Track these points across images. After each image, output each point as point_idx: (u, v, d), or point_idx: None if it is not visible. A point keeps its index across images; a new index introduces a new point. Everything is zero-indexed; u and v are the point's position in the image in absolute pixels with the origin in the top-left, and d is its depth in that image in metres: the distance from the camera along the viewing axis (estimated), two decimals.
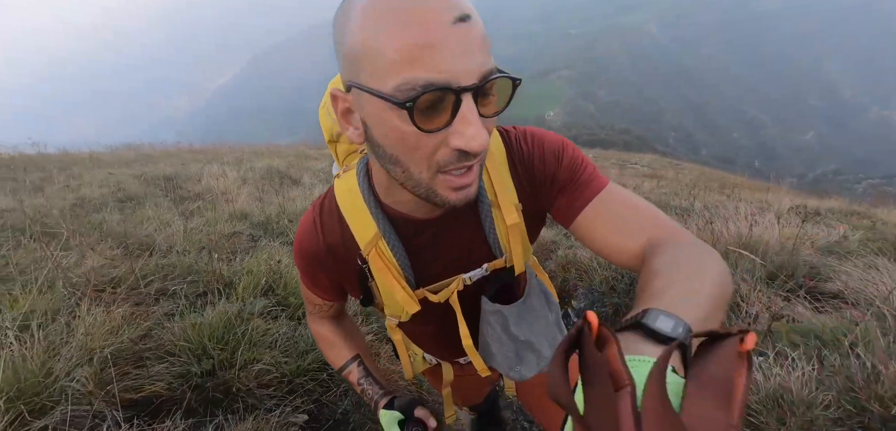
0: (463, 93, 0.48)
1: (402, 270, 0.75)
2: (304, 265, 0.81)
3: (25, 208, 3.31)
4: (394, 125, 0.51)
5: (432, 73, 0.47)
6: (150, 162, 7.77)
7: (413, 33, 0.46)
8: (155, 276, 2.29)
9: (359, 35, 0.49)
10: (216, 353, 1.59)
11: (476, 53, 0.49)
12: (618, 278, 2.71)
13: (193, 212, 4.23)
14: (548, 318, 0.88)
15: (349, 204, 0.74)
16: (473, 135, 0.49)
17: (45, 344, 1.41)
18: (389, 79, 0.48)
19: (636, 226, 0.66)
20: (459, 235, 0.75)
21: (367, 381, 0.95)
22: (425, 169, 0.54)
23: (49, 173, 5.81)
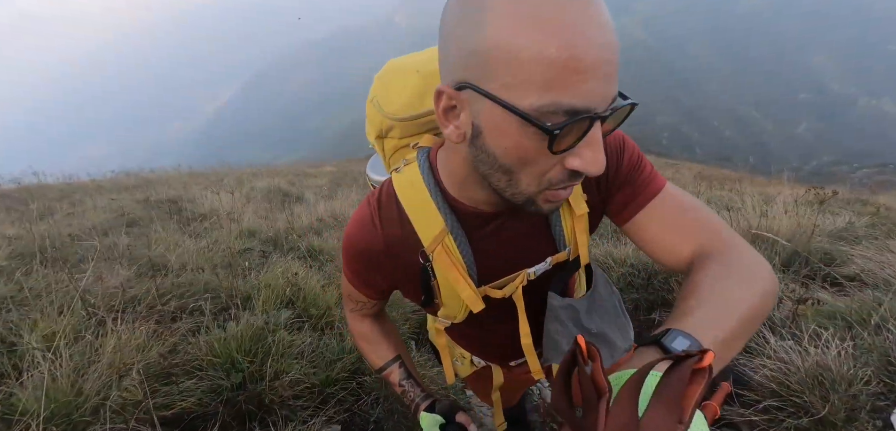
0: (596, 120, 0.48)
1: (467, 267, 0.73)
2: (355, 262, 0.79)
3: (34, 234, 3.29)
4: (518, 141, 0.50)
5: (577, 99, 0.45)
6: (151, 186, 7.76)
7: (567, 53, 0.43)
8: (172, 295, 2.27)
9: (496, 36, 0.46)
10: (246, 366, 1.58)
11: (614, 78, 0.48)
12: (635, 274, 2.71)
13: (201, 233, 4.22)
14: (616, 307, 0.88)
15: (413, 199, 0.71)
16: (595, 160, 0.49)
17: (73, 364, 1.39)
18: (529, 95, 0.46)
19: (689, 232, 0.67)
20: (523, 229, 0.73)
21: (408, 382, 0.93)
22: (534, 184, 0.54)
23: (52, 202, 5.79)
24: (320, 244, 3.64)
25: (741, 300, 0.56)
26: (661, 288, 2.54)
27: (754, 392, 1.43)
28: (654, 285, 2.58)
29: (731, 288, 0.56)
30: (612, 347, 0.84)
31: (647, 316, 2.46)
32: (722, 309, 0.53)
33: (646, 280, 2.64)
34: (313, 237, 4.01)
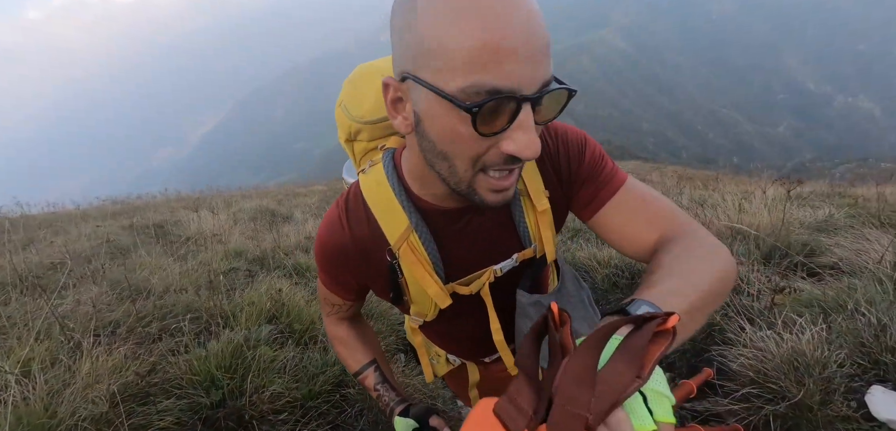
0: (524, 102, 0.49)
1: (433, 263, 0.74)
2: (326, 263, 0.80)
3: (14, 263, 3.23)
4: (451, 125, 0.51)
5: (500, 80, 0.47)
6: (138, 212, 7.65)
7: (485, 36, 0.45)
8: (153, 316, 2.24)
9: (425, 28, 0.48)
10: (225, 382, 1.55)
11: (541, 63, 0.49)
12: (619, 275, 2.74)
13: (186, 255, 4.17)
14: (584, 302, 0.89)
15: (378, 198, 0.72)
16: (528, 142, 0.50)
17: (47, 388, 1.36)
18: (455, 79, 0.47)
19: (652, 221, 0.69)
20: (489, 226, 0.75)
21: (383, 387, 0.93)
22: (469, 166, 0.55)
23: (35, 231, 5.68)
24: (307, 261, 3.62)
25: (703, 275, 0.58)
26: None
27: (733, 381, 1.45)
28: (638, 285, 2.61)
29: (693, 266, 0.59)
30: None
31: None
32: (685, 283, 0.55)
33: (629, 279, 2.67)
34: (300, 254, 3.98)
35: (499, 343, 0.84)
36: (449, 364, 1.06)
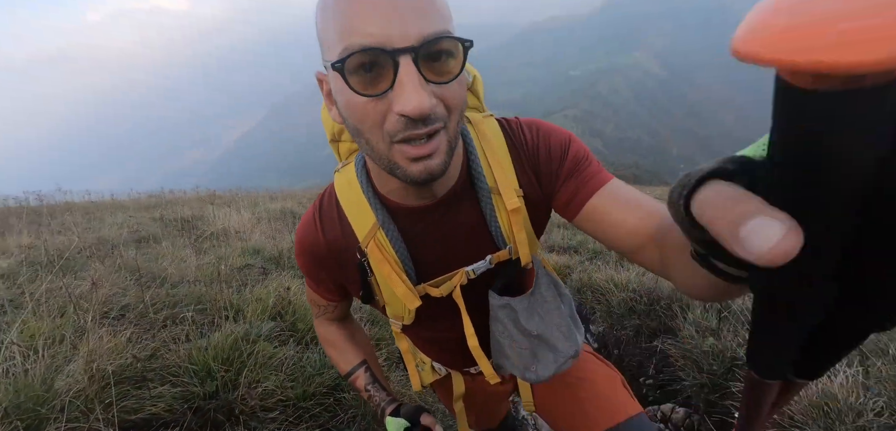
0: (400, 56, 0.48)
1: (402, 262, 0.72)
2: (304, 262, 0.80)
3: (45, 245, 3.38)
4: (345, 96, 0.52)
5: (366, 38, 0.48)
6: (169, 206, 7.97)
7: (351, 4, 0.49)
8: (164, 304, 2.28)
9: (320, 20, 0.54)
10: (220, 374, 1.54)
11: (415, 18, 0.49)
12: (636, 300, 2.61)
13: (207, 249, 4.27)
14: (560, 309, 0.82)
15: (348, 196, 0.72)
16: (409, 97, 0.49)
17: (49, 362, 1.38)
18: (335, 50, 0.50)
19: (651, 209, 0.63)
20: (460, 224, 0.72)
21: (373, 387, 0.92)
22: (379, 139, 0.54)
23: (73, 217, 5.98)
24: None
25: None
26: (663, 315, 2.43)
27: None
28: (656, 311, 2.48)
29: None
30: (553, 350, 0.79)
31: (649, 344, 2.34)
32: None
33: (648, 305, 2.54)
34: None
35: (473, 348, 0.80)
36: (435, 373, 1.01)
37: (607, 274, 2.95)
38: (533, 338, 0.79)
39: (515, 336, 0.79)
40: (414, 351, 1.01)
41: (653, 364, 2.19)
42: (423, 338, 0.93)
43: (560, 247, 4.88)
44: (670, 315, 2.40)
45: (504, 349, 0.81)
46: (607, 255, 3.90)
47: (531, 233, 0.76)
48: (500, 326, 0.79)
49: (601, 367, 1.03)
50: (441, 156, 0.55)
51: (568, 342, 0.81)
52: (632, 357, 2.32)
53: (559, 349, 0.80)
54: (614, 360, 2.25)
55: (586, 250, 4.54)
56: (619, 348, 2.41)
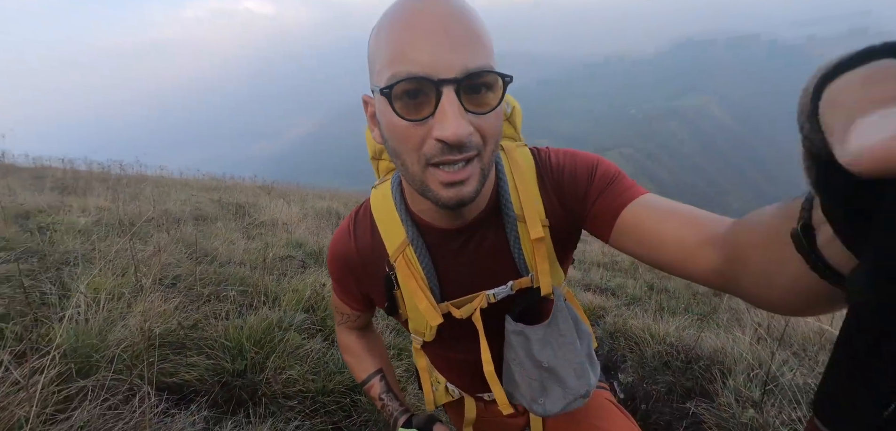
0: (444, 86, 0.51)
1: (428, 280, 0.75)
2: (335, 270, 0.84)
3: (119, 210, 3.75)
4: (389, 118, 0.56)
5: (413, 67, 0.51)
6: (228, 191, 8.57)
7: (403, 33, 0.52)
8: (211, 280, 2.45)
9: (373, 42, 0.58)
10: (251, 355, 1.63)
11: (461, 51, 0.52)
12: (672, 354, 2.45)
13: (255, 236, 4.54)
14: (576, 346, 0.80)
15: (382, 210, 0.76)
16: (449, 124, 0.51)
17: (106, 315, 1.53)
18: (383, 75, 0.54)
19: (696, 212, 0.57)
20: (485, 249, 0.74)
21: (388, 396, 0.94)
22: (416, 161, 0.57)
23: (145, 188, 6.59)
24: None
25: None
26: (701, 376, 2.27)
27: None
28: (693, 370, 2.32)
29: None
30: (563, 385, 0.78)
31: (681, 405, 2.19)
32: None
33: (685, 363, 2.38)
34: None
35: (488, 374, 0.80)
36: (448, 395, 1.02)
37: (644, 323, 2.81)
38: (543, 370, 0.78)
39: (526, 365, 0.78)
40: (431, 370, 1.02)
41: (682, 427, 2.05)
42: (441, 358, 0.94)
43: (597, 287, 4.70)
44: (709, 377, 2.23)
45: (514, 376, 0.80)
46: (646, 302, 3.72)
47: (555, 264, 0.77)
48: (512, 352, 0.79)
49: (620, 418, 0.98)
50: (473, 184, 0.58)
51: (580, 380, 0.79)
52: (660, 415, 2.18)
53: (569, 385, 0.79)
54: (640, 416, 2.13)
55: (624, 294, 4.34)
56: (648, 404, 2.27)
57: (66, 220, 3.21)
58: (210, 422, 1.26)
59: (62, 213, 3.49)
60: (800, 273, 0.37)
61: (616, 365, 2.73)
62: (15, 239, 2.39)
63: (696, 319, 3.25)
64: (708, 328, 2.87)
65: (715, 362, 2.31)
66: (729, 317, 3.42)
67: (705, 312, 3.76)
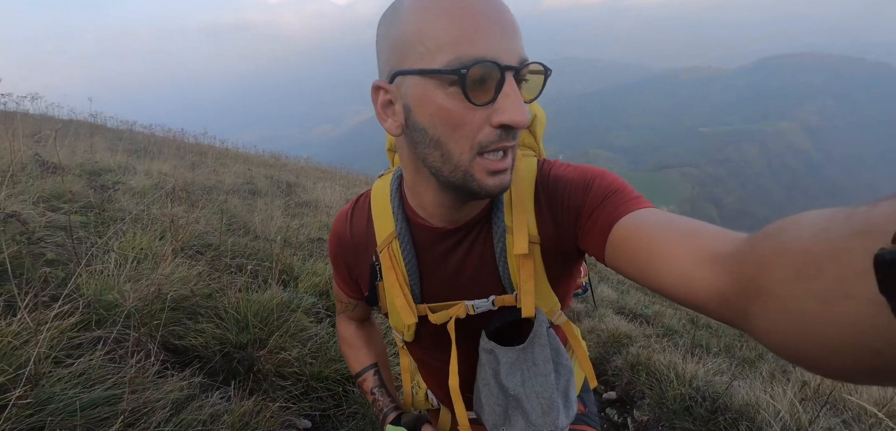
0: (507, 71, 0.52)
1: (408, 277, 0.74)
2: (331, 250, 0.85)
3: (176, 178, 4.09)
4: (440, 103, 0.53)
5: (481, 51, 0.51)
6: (283, 169, 9.09)
7: (465, 17, 0.51)
8: (239, 252, 2.59)
9: (410, 24, 0.54)
10: (255, 330, 1.70)
11: (514, 40, 0.54)
12: (697, 400, 2.25)
13: (295, 214, 4.76)
14: (549, 379, 0.74)
15: (379, 200, 0.76)
16: (517, 108, 0.52)
17: (130, 273, 1.66)
18: (440, 56, 0.52)
19: (704, 229, 0.47)
20: (473, 256, 0.71)
21: (379, 391, 0.93)
22: (467, 149, 0.55)
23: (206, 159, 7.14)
24: None
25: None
26: (727, 428, 2.06)
27: None
28: (718, 423, 2.11)
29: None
30: (526, 418, 0.72)
31: None
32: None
33: (710, 412, 2.17)
34: None
35: (452, 388, 0.76)
36: (428, 402, 1.00)
37: (670, 359, 2.60)
38: (509, 397, 0.74)
39: (492, 387, 0.75)
40: (414, 373, 1.01)
41: None
42: (420, 362, 0.93)
43: (631, 312, 4.44)
44: None
45: (481, 397, 0.77)
46: (679, 336, 3.45)
47: (545, 285, 0.72)
48: (482, 371, 0.76)
49: None
50: (510, 173, 0.59)
51: (545, 417, 0.74)
52: None
53: (532, 420, 0.73)
54: None
55: (661, 325, 4.06)
56: None
57: (129, 181, 3.54)
58: (199, 388, 1.32)
59: (128, 174, 3.85)
60: (869, 322, 0.24)
61: (632, 401, 2.56)
62: (81, 193, 2.67)
63: (735, 364, 2.96)
64: (745, 376, 2.61)
65: (744, 417, 2.09)
66: (776, 368, 3.09)
67: (750, 358, 3.42)
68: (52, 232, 1.95)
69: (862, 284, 0.23)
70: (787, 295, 0.29)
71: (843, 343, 0.26)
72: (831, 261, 0.26)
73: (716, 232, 0.45)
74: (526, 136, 0.84)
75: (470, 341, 0.76)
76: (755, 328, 0.35)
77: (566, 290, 0.77)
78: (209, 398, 1.29)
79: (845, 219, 0.26)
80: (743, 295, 0.36)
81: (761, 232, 0.36)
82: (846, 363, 0.27)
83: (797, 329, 0.29)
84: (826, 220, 0.28)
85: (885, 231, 0.22)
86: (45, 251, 1.76)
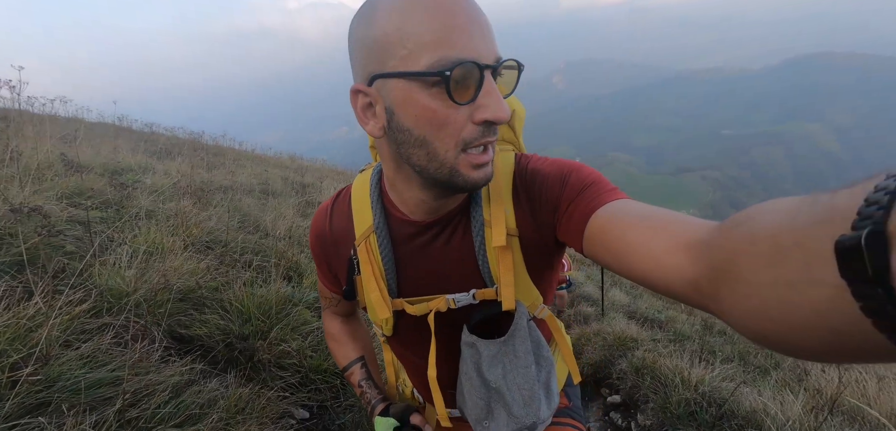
0: (486, 70, 0.54)
1: (385, 271, 0.74)
2: (312, 248, 0.86)
3: (192, 177, 4.22)
4: (425, 104, 0.55)
5: (461, 52, 0.52)
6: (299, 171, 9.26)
7: (445, 19, 0.53)
8: (248, 249, 2.67)
9: (388, 25, 0.54)
10: (258, 323, 1.76)
11: (490, 38, 0.56)
12: (702, 406, 2.21)
13: (308, 214, 4.85)
14: (529, 371, 0.75)
15: (359, 194, 0.77)
16: (498, 105, 0.54)
17: (142, 265, 1.74)
18: (423, 58, 0.53)
19: (677, 218, 0.49)
20: (452, 249, 0.72)
21: (367, 384, 0.94)
22: (452, 147, 0.57)
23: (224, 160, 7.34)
24: None
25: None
26: None
27: None
28: (722, 429, 2.07)
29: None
30: (508, 411, 0.73)
31: None
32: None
33: (715, 418, 2.13)
34: None
35: (432, 379, 0.78)
36: (414, 400, 1.01)
37: (676, 364, 2.56)
38: (491, 389, 0.75)
39: (474, 380, 0.76)
40: (399, 370, 1.02)
41: None
42: (400, 356, 0.94)
43: (643, 317, 4.37)
44: None
45: (463, 391, 0.78)
46: (690, 341, 3.38)
47: (525, 279, 0.72)
48: (464, 365, 0.77)
49: None
50: (491, 165, 0.61)
51: (526, 408, 0.75)
52: None
53: (514, 412, 0.75)
54: None
55: (672, 330, 3.99)
56: None
57: (147, 180, 3.68)
58: (200, 375, 1.38)
59: (147, 174, 4.00)
60: (831, 305, 0.25)
61: (636, 405, 2.52)
62: (101, 190, 2.79)
63: (746, 371, 2.89)
64: (753, 383, 2.54)
65: (751, 423, 2.04)
66: (790, 376, 3.00)
67: (764, 366, 3.33)
68: (72, 225, 2.05)
69: (825, 269, 0.25)
70: (756, 281, 0.31)
71: (809, 325, 0.27)
72: (797, 248, 0.27)
73: (689, 221, 0.47)
74: (506, 131, 0.84)
75: (452, 337, 0.77)
76: (726, 312, 0.36)
77: (548, 284, 0.78)
78: (208, 383, 1.34)
79: (810, 207, 0.28)
80: (714, 280, 0.37)
81: (731, 220, 0.37)
82: (813, 343, 0.28)
83: (766, 313, 0.30)
84: (793, 208, 0.30)
85: (845, 217, 0.24)
86: (65, 243, 1.86)
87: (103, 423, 1.05)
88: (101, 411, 1.07)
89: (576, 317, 4.46)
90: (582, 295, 5.51)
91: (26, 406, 1.01)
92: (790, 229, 0.29)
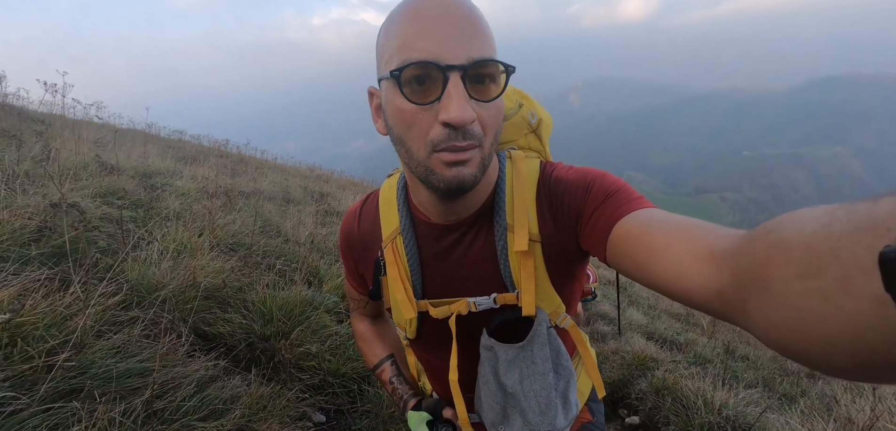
0: (450, 71, 0.54)
1: (411, 273, 0.76)
2: (341, 249, 0.88)
3: (217, 182, 4.34)
4: (395, 104, 0.58)
5: (422, 54, 0.54)
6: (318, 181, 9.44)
7: (417, 23, 0.56)
8: (270, 252, 2.72)
9: (382, 37, 0.61)
10: (279, 323, 1.78)
11: (466, 41, 0.55)
12: (727, 430, 2.13)
13: (326, 223, 4.92)
14: (546, 378, 0.75)
15: (386, 197, 0.79)
16: (455, 107, 0.54)
17: (171, 263, 1.79)
18: (392, 62, 0.57)
19: (703, 227, 0.47)
20: (475, 252, 0.73)
21: (398, 380, 0.95)
22: (422, 147, 0.58)
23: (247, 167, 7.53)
24: None
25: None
26: None
27: None
28: None
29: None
30: (524, 417, 0.73)
31: None
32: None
33: None
34: None
35: (452, 382, 0.78)
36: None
37: (699, 386, 2.48)
38: (507, 394, 0.75)
39: (491, 384, 0.76)
40: (420, 373, 1.02)
41: None
42: (422, 360, 0.95)
43: (661, 337, 4.26)
44: None
45: (481, 394, 0.78)
46: (711, 365, 3.27)
47: (547, 285, 0.72)
48: (482, 368, 0.77)
49: None
50: (473, 167, 0.59)
51: (542, 416, 0.74)
52: None
53: (529, 419, 0.74)
54: None
55: (692, 352, 3.87)
56: None
57: (175, 183, 3.80)
58: (223, 371, 1.40)
59: (175, 177, 4.14)
60: (870, 320, 0.24)
61: (656, 427, 2.45)
62: (133, 191, 2.90)
63: (770, 397, 2.78)
64: (780, 410, 2.45)
65: None
66: (818, 404, 2.87)
67: (791, 394, 3.20)
68: (106, 223, 2.13)
69: (865, 282, 0.23)
70: (788, 292, 0.29)
71: (844, 340, 0.26)
72: (833, 258, 0.26)
73: (716, 229, 0.45)
74: (532, 140, 0.85)
75: (473, 341, 0.77)
76: (753, 324, 0.35)
77: (571, 293, 0.77)
78: (231, 380, 1.36)
79: (847, 215, 0.26)
80: (741, 290, 0.36)
81: (760, 229, 0.36)
82: (845, 360, 0.27)
83: (797, 326, 0.29)
84: (827, 217, 0.28)
85: (889, 227, 0.22)
86: (99, 239, 1.93)
87: (131, 412, 1.08)
88: (129, 400, 1.10)
89: (592, 336, 4.38)
90: (598, 314, 5.42)
91: (60, 390, 1.05)
92: (825, 237, 0.27)
